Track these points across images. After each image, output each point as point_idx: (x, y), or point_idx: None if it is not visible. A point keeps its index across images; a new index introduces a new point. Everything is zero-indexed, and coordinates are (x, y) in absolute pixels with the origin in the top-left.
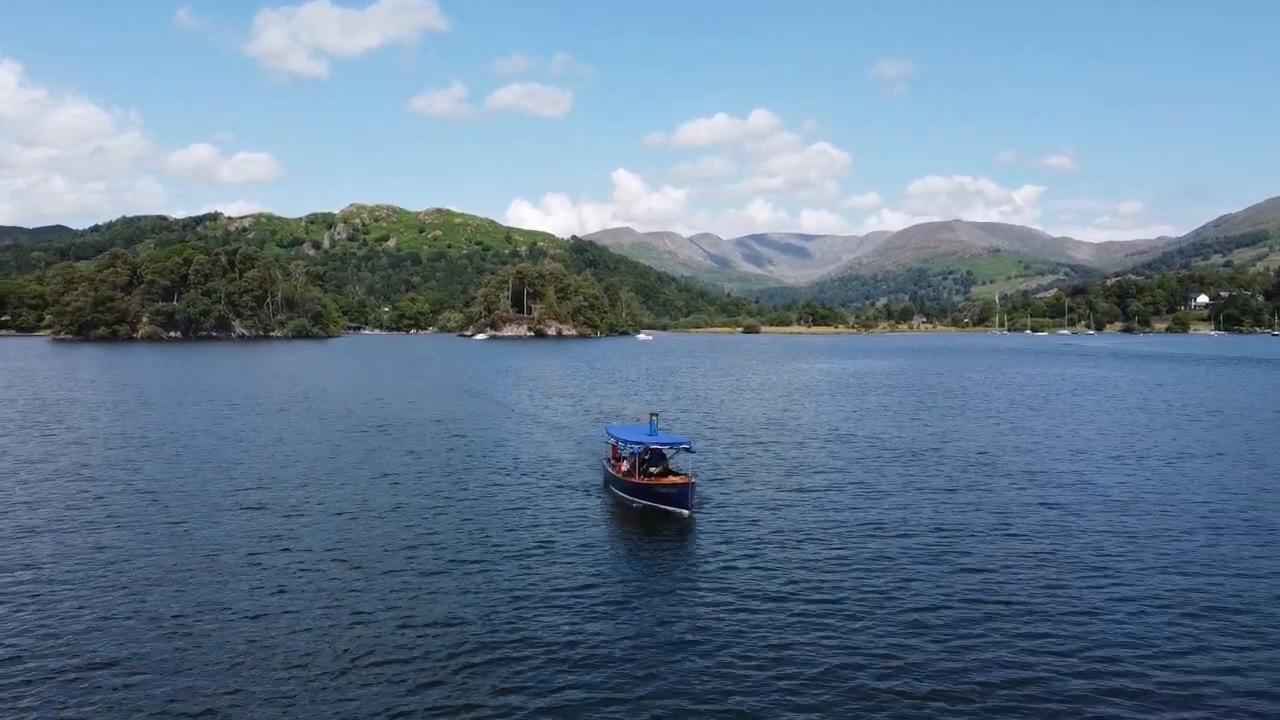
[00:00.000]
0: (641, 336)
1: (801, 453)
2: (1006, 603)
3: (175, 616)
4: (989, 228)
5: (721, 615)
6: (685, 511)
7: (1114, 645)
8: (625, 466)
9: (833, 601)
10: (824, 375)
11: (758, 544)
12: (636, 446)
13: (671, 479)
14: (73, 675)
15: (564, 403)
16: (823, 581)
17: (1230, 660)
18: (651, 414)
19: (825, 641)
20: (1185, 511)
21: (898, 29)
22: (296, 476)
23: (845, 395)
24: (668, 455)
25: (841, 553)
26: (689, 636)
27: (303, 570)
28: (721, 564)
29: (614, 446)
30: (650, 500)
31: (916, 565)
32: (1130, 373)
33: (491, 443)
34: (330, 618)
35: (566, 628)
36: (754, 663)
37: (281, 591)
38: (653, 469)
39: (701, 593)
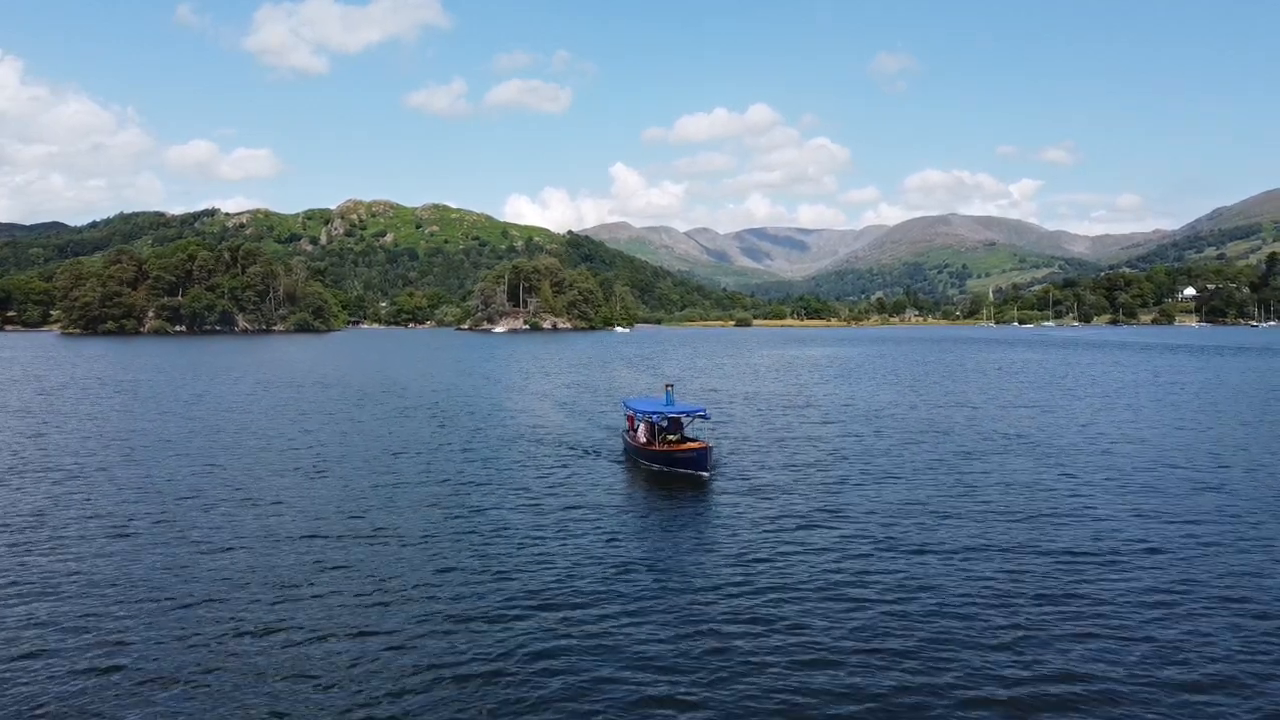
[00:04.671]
0: (619, 330)
1: (771, 419)
2: (1013, 552)
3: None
4: (985, 221)
5: (744, 570)
6: (704, 474)
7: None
8: (644, 436)
9: (846, 537)
10: (790, 360)
11: (771, 504)
12: (655, 416)
13: (689, 444)
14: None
15: (567, 383)
16: (830, 531)
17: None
18: (667, 385)
19: (837, 587)
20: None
21: (897, 24)
22: (343, 448)
23: (799, 373)
24: (684, 423)
25: (839, 506)
26: (713, 594)
27: (345, 530)
28: (739, 521)
29: (630, 418)
30: (670, 465)
31: (916, 516)
32: (1057, 356)
33: (514, 418)
34: (368, 576)
35: (596, 582)
36: (771, 613)
37: (332, 552)
38: (670, 437)
39: (722, 549)
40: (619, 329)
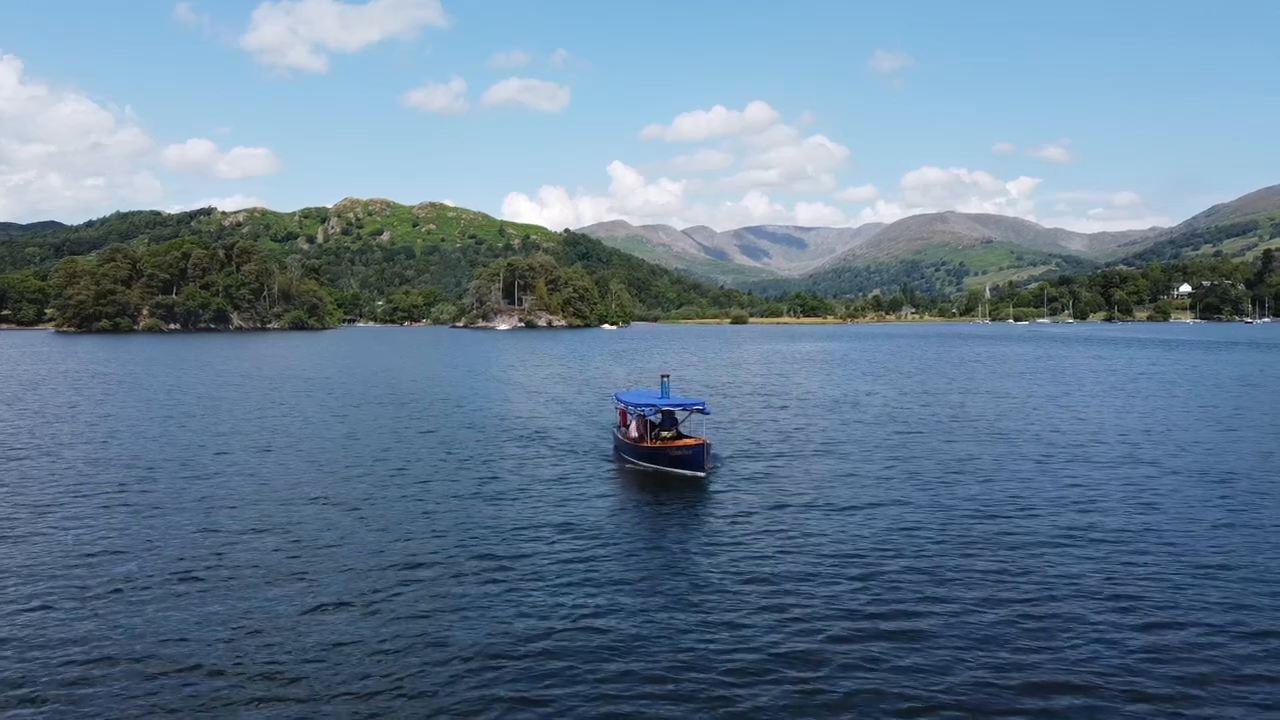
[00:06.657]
0: (607, 327)
1: (769, 414)
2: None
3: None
4: (982, 219)
5: (751, 574)
6: (700, 473)
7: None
8: (635, 431)
9: (850, 553)
10: (770, 354)
11: (776, 507)
12: (648, 410)
13: (684, 440)
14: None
15: (548, 375)
16: (843, 536)
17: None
18: (663, 375)
19: (845, 595)
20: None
21: (894, 22)
22: (320, 441)
23: (776, 365)
24: (679, 418)
25: (849, 508)
26: (712, 602)
27: (328, 526)
28: (739, 525)
29: (622, 412)
30: (663, 464)
31: (927, 515)
32: (1037, 349)
33: (495, 414)
34: (349, 578)
35: (584, 593)
36: (777, 621)
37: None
38: (664, 433)
39: (721, 560)
40: (606, 326)
